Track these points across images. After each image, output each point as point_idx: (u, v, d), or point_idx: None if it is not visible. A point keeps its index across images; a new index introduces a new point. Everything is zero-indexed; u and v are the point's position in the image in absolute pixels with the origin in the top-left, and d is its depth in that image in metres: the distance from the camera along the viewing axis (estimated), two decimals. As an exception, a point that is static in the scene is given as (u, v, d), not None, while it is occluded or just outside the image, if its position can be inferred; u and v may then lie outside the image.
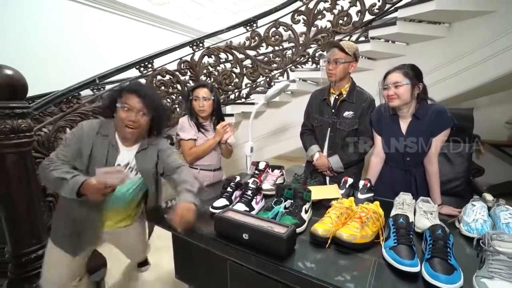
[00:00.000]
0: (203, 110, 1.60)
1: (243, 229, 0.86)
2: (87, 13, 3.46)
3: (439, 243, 0.73)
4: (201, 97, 1.58)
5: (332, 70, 1.46)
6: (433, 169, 1.20)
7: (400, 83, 1.20)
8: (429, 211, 0.97)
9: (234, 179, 1.24)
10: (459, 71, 2.40)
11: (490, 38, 2.27)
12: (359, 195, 1.15)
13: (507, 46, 2.21)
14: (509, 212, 0.92)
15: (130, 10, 3.81)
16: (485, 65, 2.32)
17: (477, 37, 2.32)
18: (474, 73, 2.37)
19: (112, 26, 3.67)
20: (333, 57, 1.45)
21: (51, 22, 3.13)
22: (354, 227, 0.86)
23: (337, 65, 1.45)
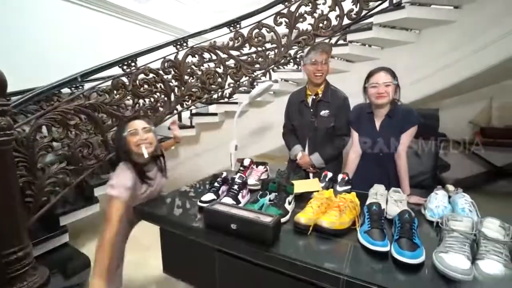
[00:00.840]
0: (147, 145, 1.24)
1: (231, 220, 0.91)
2: (68, 10, 3.36)
3: (406, 226, 0.82)
4: (140, 129, 1.24)
5: (321, 70, 1.55)
6: (402, 163, 1.33)
7: (390, 83, 1.31)
8: (399, 200, 1.08)
9: (221, 175, 1.29)
10: (427, 75, 2.60)
11: (453, 45, 2.49)
12: (338, 187, 1.25)
13: (467, 54, 2.43)
14: (465, 199, 1.05)
15: (113, 7, 3.73)
16: (449, 70, 2.53)
17: (442, 44, 2.53)
18: (440, 77, 2.58)
19: (95, 23, 3.59)
20: (320, 58, 1.55)
21: (32, 18, 3.03)
22: (333, 215, 0.95)
23: (324, 65, 1.55)
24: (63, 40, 3.28)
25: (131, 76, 2.24)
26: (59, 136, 1.74)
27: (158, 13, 4.28)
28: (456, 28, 2.42)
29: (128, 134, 1.23)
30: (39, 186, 1.62)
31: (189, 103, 2.78)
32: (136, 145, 1.22)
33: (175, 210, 1.20)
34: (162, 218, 1.13)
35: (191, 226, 1.02)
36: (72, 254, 1.77)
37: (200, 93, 2.79)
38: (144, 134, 1.24)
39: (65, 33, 3.30)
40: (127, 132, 1.24)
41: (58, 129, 1.75)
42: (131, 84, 2.23)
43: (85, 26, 3.49)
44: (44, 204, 1.71)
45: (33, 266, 1.40)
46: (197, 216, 1.10)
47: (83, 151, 1.90)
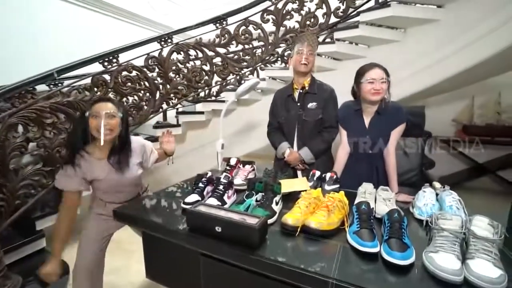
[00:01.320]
0: (107, 132, 1.14)
1: (216, 222, 0.87)
2: (47, 3, 3.18)
3: (395, 225, 0.80)
4: (103, 114, 1.14)
5: (307, 59, 1.54)
6: (391, 160, 1.32)
7: (385, 80, 1.30)
8: (388, 198, 1.07)
9: (206, 175, 1.24)
10: (413, 73, 2.63)
11: (438, 44, 2.52)
12: (326, 186, 1.22)
13: (452, 52, 2.47)
14: (452, 197, 1.05)
15: (93, 1, 3.58)
16: (434, 68, 2.57)
17: (427, 42, 2.56)
18: (425, 75, 2.61)
19: (74, 18, 3.42)
20: (307, 48, 1.54)
21: (6, 14, 2.85)
22: (322, 215, 0.92)
23: (310, 56, 1.55)
24: (38, 34, 3.10)
25: (113, 73, 2.15)
26: (34, 136, 1.64)
27: (140, 9, 4.15)
28: (440, 26, 2.46)
29: (90, 116, 1.15)
30: (11, 189, 1.52)
31: (174, 101, 2.70)
32: (96, 129, 1.14)
33: (157, 212, 1.14)
34: (143, 221, 1.07)
35: (174, 229, 0.97)
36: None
37: (186, 91, 2.72)
38: (106, 120, 1.15)
39: (42, 27, 3.13)
40: (88, 113, 1.16)
41: (33, 129, 1.65)
42: (113, 81, 2.14)
43: (62, 20, 3.32)
44: (18, 208, 1.61)
45: (4, 275, 1.31)
46: (181, 218, 1.05)
47: (61, 151, 1.80)
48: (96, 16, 3.67)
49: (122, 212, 1.13)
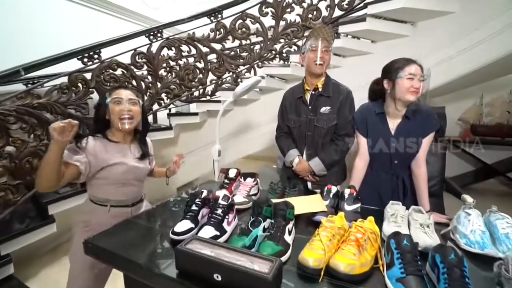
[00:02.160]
0: (130, 118, 1.10)
1: (214, 268, 0.65)
2: None
3: (455, 272, 0.60)
4: (126, 99, 1.10)
5: (322, 58, 1.35)
6: (422, 172, 1.13)
7: (423, 78, 1.11)
8: (426, 224, 0.86)
9: (200, 194, 1.02)
10: (423, 70, 2.44)
11: (450, 38, 2.34)
12: (346, 206, 1.01)
13: (466, 47, 2.29)
14: (506, 221, 0.85)
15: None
16: (445, 65, 2.39)
17: (438, 37, 2.38)
18: (436, 73, 2.42)
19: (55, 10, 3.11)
20: (323, 44, 1.35)
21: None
22: (351, 253, 0.71)
23: (326, 53, 1.36)
24: (12, 27, 2.76)
25: (94, 70, 1.90)
26: (-4, 145, 1.40)
27: (130, 2, 3.87)
28: (454, 20, 2.27)
29: (111, 102, 1.08)
30: (-32, 208, 1.28)
31: (166, 101, 2.47)
32: (118, 116, 1.07)
33: (139, 244, 0.91)
34: (119, 258, 0.83)
35: (159, 272, 0.75)
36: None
37: (179, 91, 2.49)
38: (129, 105, 1.09)
39: (14, 18, 2.78)
40: (110, 99, 1.08)
41: (-6, 136, 1.41)
42: (94, 80, 1.90)
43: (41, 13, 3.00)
44: (-21, 230, 1.37)
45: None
46: (169, 253, 0.83)
47: (32, 162, 1.55)
48: (82, 10, 3.38)
49: (95, 245, 0.89)
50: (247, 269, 0.62)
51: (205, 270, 0.67)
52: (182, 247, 0.71)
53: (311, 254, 0.72)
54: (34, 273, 1.76)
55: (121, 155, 1.12)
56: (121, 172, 1.10)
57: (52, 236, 1.82)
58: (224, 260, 0.65)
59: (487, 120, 3.44)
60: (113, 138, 1.13)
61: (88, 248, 0.89)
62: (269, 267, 0.63)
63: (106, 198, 1.10)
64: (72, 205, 1.81)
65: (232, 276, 0.63)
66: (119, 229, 0.99)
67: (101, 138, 1.11)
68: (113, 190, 1.11)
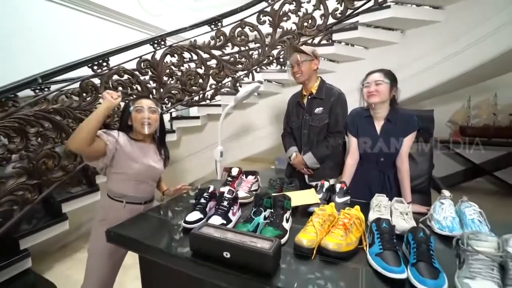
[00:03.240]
0: (150, 124, 1.24)
1: (224, 247, 0.78)
2: (34, 3, 3.01)
3: (423, 247, 0.73)
4: (147, 108, 1.25)
5: (298, 71, 1.57)
6: (405, 168, 1.27)
7: (381, 81, 1.27)
8: (405, 212, 1.00)
9: (208, 189, 1.15)
10: (412, 75, 2.59)
11: (437, 45, 2.50)
12: (337, 198, 1.15)
13: (451, 53, 2.45)
14: (473, 208, 0.98)
15: (82, 2, 3.42)
16: (433, 70, 2.54)
17: (426, 44, 2.53)
18: (424, 78, 2.58)
19: (60, 19, 3.25)
20: (295, 60, 1.57)
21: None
22: (339, 235, 0.84)
23: (300, 66, 1.56)
24: (25, 35, 2.92)
25: (103, 77, 2.03)
26: (17, 147, 1.51)
27: (131, 10, 4.01)
28: (440, 28, 2.43)
29: (133, 110, 1.24)
30: (-8, 206, 1.39)
31: (168, 105, 2.59)
32: (140, 122, 1.23)
33: (155, 233, 1.04)
34: (138, 243, 0.96)
35: (175, 253, 0.87)
36: (36, 281, 1.55)
37: (181, 95, 2.62)
38: (148, 113, 1.24)
39: (24, 29, 2.95)
40: (133, 107, 1.24)
41: (15, 139, 1.52)
42: (103, 86, 2.02)
43: (49, 21, 3.15)
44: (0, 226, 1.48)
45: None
46: (182, 239, 0.95)
47: (47, 163, 1.67)
48: (85, 18, 3.52)
49: (116, 233, 1.02)
50: (252, 247, 0.75)
51: (216, 249, 0.79)
52: (196, 231, 0.84)
53: (305, 236, 0.85)
54: (47, 268, 1.87)
55: (142, 154, 1.25)
56: (139, 169, 1.22)
57: (63, 234, 1.94)
58: (232, 239, 0.78)
59: (475, 121, 3.60)
60: (135, 137, 1.28)
61: (110, 236, 1.01)
62: (270, 245, 0.75)
63: (122, 193, 1.22)
64: (83, 204, 1.92)
65: (239, 253, 0.76)
66: (136, 221, 1.12)
67: (127, 136, 1.26)
68: (129, 186, 1.22)
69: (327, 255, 0.81)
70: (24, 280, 1.52)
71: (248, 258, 0.75)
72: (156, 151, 1.33)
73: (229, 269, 0.77)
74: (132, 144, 1.24)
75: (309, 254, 0.82)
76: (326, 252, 0.81)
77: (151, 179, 1.31)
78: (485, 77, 3.22)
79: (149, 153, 1.29)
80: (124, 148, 1.20)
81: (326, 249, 0.81)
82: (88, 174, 2.11)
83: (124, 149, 1.20)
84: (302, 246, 0.83)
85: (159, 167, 1.32)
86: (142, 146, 1.27)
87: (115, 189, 1.22)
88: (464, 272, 0.68)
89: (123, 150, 1.20)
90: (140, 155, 1.24)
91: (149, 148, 1.30)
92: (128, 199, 1.23)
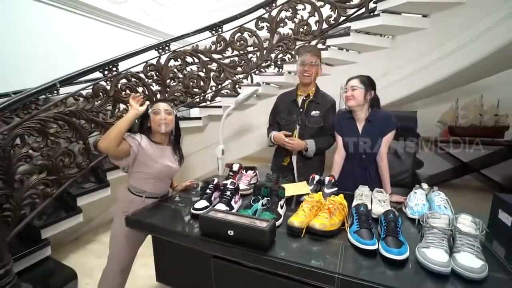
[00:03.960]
0: (166, 123, 1.37)
1: (228, 226, 0.94)
2: (44, 12, 3.20)
3: (391, 225, 0.90)
4: (163, 110, 1.38)
5: (309, 71, 1.63)
6: (384, 164, 1.43)
7: (356, 87, 1.43)
8: (383, 200, 1.17)
9: (213, 181, 1.31)
10: (401, 78, 2.76)
11: (424, 50, 2.66)
12: (326, 189, 1.31)
13: (438, 57, 2.62)
14: (440, 197, 1.15)
15: (88, 8, 3.59)
16: (421, 73, 2.71)
17: (414, 49, 2.70)
18: (414, 80, 2.75)
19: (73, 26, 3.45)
20: (309, 60, 1.63)
21: (5, 21, 2.86)
22: (324, 217, 1.00)
23: (312, 67, 1.64)
24: (39, 44, 3.11)
25: (113, 81, 2.18)
26: (39, 146, 1.67)
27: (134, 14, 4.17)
28: (427, 34, 2.60)
29: (152, 112, 1.39)
30: (17, 198, 1.55)
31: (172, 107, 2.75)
32: (157, 123, 1.37)
33: (169, 219, 1.20)
34: (156, 227, 1.13)
35: (187, 234, 1.03)
36: (55, 267, 1.70)
37: (184, 97, 2.78)
38: (165, 115, 1.38)
39: (41, 36, 3.14)
40: (151, 110, 1.39)
41: (37, 138, 1.67)
42: (113, 89, 2.18)
43: (62, 29, 3.35)
44: (23, 217, 1.64)
45: (15, 284, 1.34)
46: (191, 223, 1.12)
47: (64, 160, 1.83)
48: (89, 22, 3.68)
49: (136, 219, 1.18)
50: (251, 225, 0.92)
51: (221, 229, 0.95)
52: (204, 214, 1.00)
53: (296, 218, 1.01)
54: (63, 257, 2.03)
55: (160, 155, 1.39)
56: (159, 169, 1.36)
57: (76, 227, 2.09)
58: (235, 220, 0.95)
59: (463, 122, 3.79)
60: (154, 139, 1.41)
61: (129, 221, 1.18)
62: (266, 224, 0.92)
63: (142, 189, 1.36)
64: (95, 199, 2.08)
65: (241, 231, 0.92)
66: (152, 209, 1.28)
67: (148, 139, 1.39)
68: (149, 183, 1.37)
69: (314, 233, 0.98)
70: (45, 266, 1.68)
71: (249, 235, 0.91)
72: (172, 152, 1.46)
73: (233, 244, 0.94)
74: (152, 146, 1.37)
75: (299, 233, 0.98)
76: (313, 231, 0.97)
77: (167, 177, 1.46)
78: (471, 80, 3.40)
79: (166, 154, 1.42)
80: (145, 150, 1.33)
81: (313, 229, 0.97)
82: (98, 172, 2.28)
83: (146, 151, 1.33)
84: (293, 227, 0.99)
85: (175, 166, 1.45)
86: (160, 147, 1.40)
87: (136, 185, 1.37)
88: (422, 244, 0.85)
89: (144, 152, 1.32)
90: (159, 156, 1.38)
91: (166, 150, 1.43)
92: (147, 194, 1.37)
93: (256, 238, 0.90)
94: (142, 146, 1.32)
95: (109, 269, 1.34)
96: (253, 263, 0.91)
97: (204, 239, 0.99)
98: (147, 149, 1.34)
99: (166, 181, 1.46)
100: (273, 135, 1.72)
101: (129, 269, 1.39)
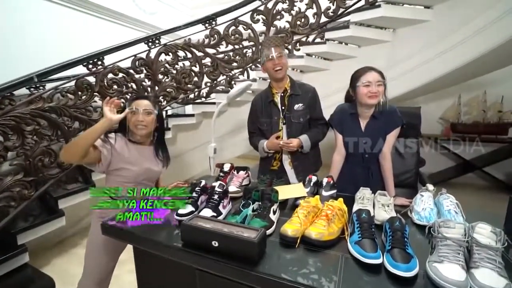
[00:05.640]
0: (144, 126, 1.24)
1: (212, 236, 0.83)
2: (29, 2, 3.02)
3: (397, 234, 0.79)
4: (142, 110, 1.24)
5: (279, 64, 1.50)
6: (387, 164, 1.31)
7: (382, 82, 1.28)
8: (386, 204, 1.05)
9: (200, 184, 1.19)
10: (402, 73, 2.65)
11: (427, 43, 2.55)
12: (323, 192, 1.20)
13: (441, 51, 2.50)
14: (450, 200, 1.04)
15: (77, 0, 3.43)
16: (423, 68, 2.60)
17: (416, 42, 2.59)
18: (415, 75, 2.64)
19: (55, 17, 3.27)
20: (277, 51, 1.50)
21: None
22: (321, 225, 0.89)
23: (282, 58, 1.51)
24: (19, 34, 2.95)
25: (98, 75, 2.06)
26: (13, 144, 1.55)
27: (126, 8, 4.02)
28: (429, 27, 2.49)
29: (129, 111, 1.22)
30: (-11, 202, 1.43)
31: (164, 103, 2.63)
32: (133, 124, 1.23)
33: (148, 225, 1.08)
34: (133, 235, 1.01)
35: (167, 244, 0.92)
36: (33, 275, 1.58)
37: (176, 93, 2.65)
38: (143, 116, 1.23)
39: (19, 28, 2.97)
40: (128, 108, 1.23)
41: (12, 137, 1.55)
42: (98, 84, 2.05)
43: (45, 20, 3.17)
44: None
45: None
46: (175, 231, 1.00)
47: (43, 160, 1.71)
48: (80, 16, 3.53)
49: (111, 226, 1.06)
50: (238, 235, 0.80)
51: (204, 239, 0.84)
52: (186, 222, 0.88)
53: (290, 227, 0.90)
54: (45, 263, 1.91)
55: (140, 157, 1.26)
56: (137, 172, 1.25)
57: (60, 230, 1.97)
58: (220, 229, 0.83)
59: (465, 118, 3.68)
60: (133, 139, 1.28)
61: (105, 229, 1.06)
62: (255, 234, 0.80)
63: (121, 193, 1.25)
64: (79, 200, 1.96)
65: (226, 241, 0.81)
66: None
67: (125, 138, 1.26)
68: (127, 187, 1.25)
69: (310, 244, 0.86)
70: (21, 274, 1.56)
71: (235, 246, 0.80)
72: (154, 153, 1.33)
73: (217, 257, 0.82)
74: (130, 147, 1.25)
75: (294, 243, 0.87)
76: (309, 241, 0.86)
77: (149, 181, 1.33)
78: (474, 75, 3.29)
79: (147, 155, 1.30)
80: (120, 154, 1.21)
81: (309, 238, 0.86)
82: (84, 171, 2.16)
83: (121, 154, 1.21)
84: (287, 236, 0.88)
85: (157, 169, 1.33)
86: (140, 148, 1.28)
87: None
88: (434, 257, 0.74)
89: (119, 156, 1.21)
90: (138, 158, 1.25)
91: (147, 150, 1.31)
92: (126, 199, 1.26)
93: (244, 250, 0.79)
94: (116, 150, 1.20)
95: (84, 283, 1.22)
96: (239, 279, 0.80)
97: (186, 250, 0.88)
98: (122, 152, 1.21)
99: (148, 185, 1.33)
100: (265, 144, 1.57)
101: (108, 280, 1.28)
